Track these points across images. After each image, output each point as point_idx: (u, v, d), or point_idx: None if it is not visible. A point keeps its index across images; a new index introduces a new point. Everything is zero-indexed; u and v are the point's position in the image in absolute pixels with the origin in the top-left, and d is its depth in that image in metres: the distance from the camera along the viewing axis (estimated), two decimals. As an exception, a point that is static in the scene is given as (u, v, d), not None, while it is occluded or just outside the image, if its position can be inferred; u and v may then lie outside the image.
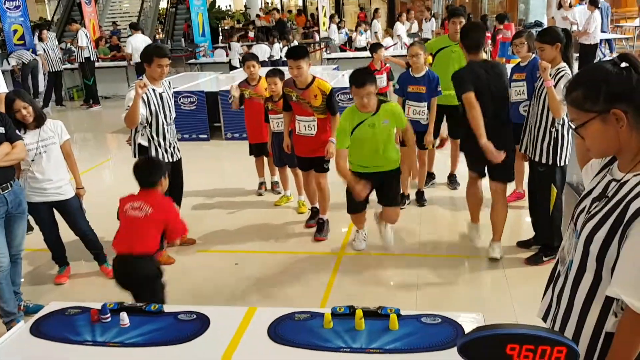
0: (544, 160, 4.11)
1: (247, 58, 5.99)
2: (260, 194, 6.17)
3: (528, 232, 4.65)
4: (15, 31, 13.56)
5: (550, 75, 3.90)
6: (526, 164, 4.63)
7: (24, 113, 3.89)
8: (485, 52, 6.48)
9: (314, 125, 4.63)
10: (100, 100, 12.66)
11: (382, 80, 7.00)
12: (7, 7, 13.33)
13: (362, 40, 15.06)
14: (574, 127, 1.68)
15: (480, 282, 4.22)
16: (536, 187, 4.33)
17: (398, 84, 5.61)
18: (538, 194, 4.30)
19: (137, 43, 11.61)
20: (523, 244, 4.58)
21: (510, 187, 5.48)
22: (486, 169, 4.34)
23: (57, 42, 12.92)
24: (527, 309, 3.39)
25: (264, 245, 5.02)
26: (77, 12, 17.63)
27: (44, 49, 12.04)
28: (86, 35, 12.18)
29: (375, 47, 7.47)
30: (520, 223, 5.14)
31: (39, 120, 3.99)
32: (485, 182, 4.46)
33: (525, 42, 4.84)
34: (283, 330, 2.26)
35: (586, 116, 1.62)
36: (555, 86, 3.86)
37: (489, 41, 12.18)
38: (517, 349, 1.50)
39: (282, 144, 5.18)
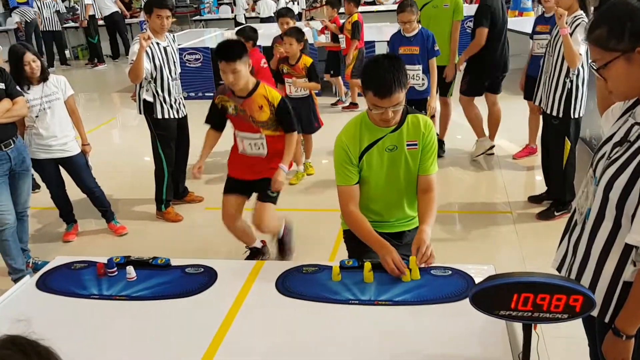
0: (557, 113, 4.01)
1: (282, 13, 5.49)
2: None
3: (540, 187, 4.59)
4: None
5: (566, 23, 3.75)
6: (540, 119, 4.61)
7: (33, 66, 3.82)
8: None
9: (262, 144, 3.37)
10: (105, 59, 12.51)
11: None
12: (9, -37, 13.09)
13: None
14: (595, 67, 1.58)
15: (490, 236, 4.17)
16: (549, 141, 4.23)
17: (388, 46, 5.26)
18: (551, 148, 4.21)
19: None
20: (534, 199, 4.52)
21: (523, 141, 5.40)
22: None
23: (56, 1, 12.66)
24: (539, 264, 3.36)
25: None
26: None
27: (39, 7, 11.77)
28: None
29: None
30: (532, 178, 5.07)
31: (44, 75, 3.93)
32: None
33: None
34: (291, 283, 2.23)
35: (610, 55, 1.53)
36: (571, 35, 3.73)
37: None
38: (532, 298, 1.46)
39: (301, 111, 4.83)
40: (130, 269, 2.32)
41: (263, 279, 2.29)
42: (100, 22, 12.27)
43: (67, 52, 13.02)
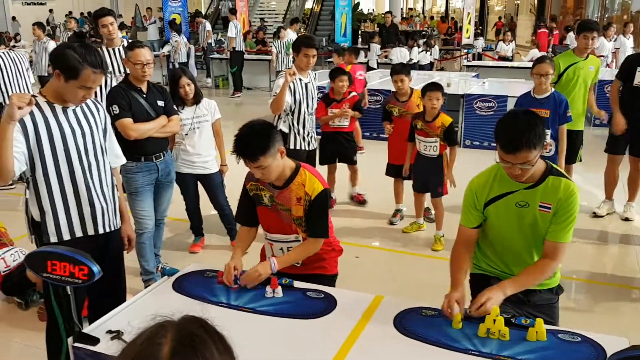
0: None
1: (397, 70, 5.09)
2: (392, 223, 5.33)
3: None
4: (174, 20, 14.74)
5: None
6: None
7: (187, 89, 4.21)
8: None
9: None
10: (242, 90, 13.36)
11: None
12: (168, -2, 14.53)
13: (507, 49, 14.50)
14: None
15: (620, 312, 3.89)
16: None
17: (515, 107, 4.78)
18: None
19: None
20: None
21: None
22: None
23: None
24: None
25: (385, 243, 5.01)
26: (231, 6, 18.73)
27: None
28: (235, 27, 12.88)
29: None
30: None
31: (197, 98, 4.29)
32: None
33: None
34: (409, 323, 2.24)
35: None
36: None
37: None
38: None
39: (427, 169, 4.70)
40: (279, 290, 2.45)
41: (381, 314, 2.31)
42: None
43: (209, 80, 14.08)
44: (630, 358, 1.40)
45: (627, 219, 5.28)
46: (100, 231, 2.72)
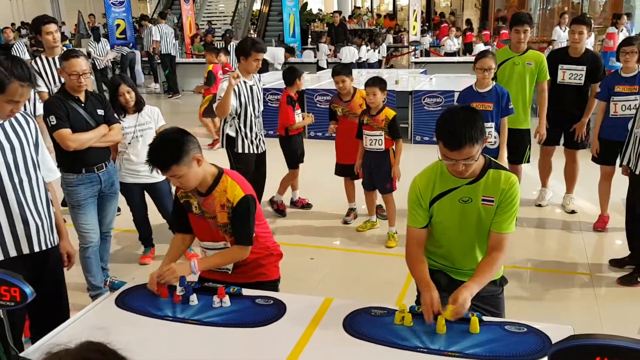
0: (647, 174, 3.84)
1: (337, 71, 5.06)
2: (346, 222, 5.34)
3: (622, 251, 4.36)
4: (118, 25, 14.41)
5: None
6: (614, 186, 4.78)
7: (127, 97, 4.09)
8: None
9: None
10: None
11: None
12: (112, 3, 14.20)
13: (452, 45, 14.77)
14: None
15: (566, 298, 3.99)
16: (636, 203, 4.04)
17: (458, 101, 4.94)
18: (638, 211, 4.01)
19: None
20: (616, 263, 4.29)
21: (596, 212, 5.15)
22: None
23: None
24: (619, 330, 3.17)
25: (340, 242, 5.02)
26: (177, 9, 18.44)
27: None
28: (160, 30, 13.14)
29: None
30: (614, 240, 4.83)
31: (139, 105, 4.18)
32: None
33: (637, 51, 4.50)
34: (359, 324, 2.22)
35: None
36: None
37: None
38: (616, 363, 1.38)
39: (374, 165, 4.75)
40: (193, 297, 2.40)
41: (331, 317, 2.29)
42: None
43: (157, 86, 13.87)
44: (569, 349, 1.40)
45: (573, 212, 5.39)
46: (36, 249, 2.60)
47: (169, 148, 2.40)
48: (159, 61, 13.57)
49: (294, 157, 5.52)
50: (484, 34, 15.92)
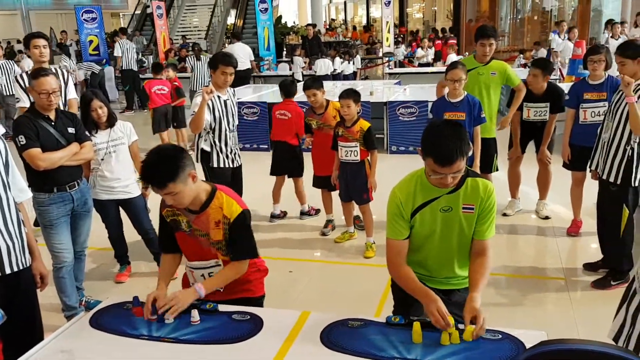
0: (616, 180, 3.92)
1: (307, 85, 5.10)
2: (324, 234, 5.35)
3: (596, 255, 4.43)
4: (90, 42, 14.31)
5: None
6: (586, 191, 4.85)
7: (100, 112, 4.05)
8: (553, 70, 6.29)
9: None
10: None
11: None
12: (84, 19, 14.10)
13: (427, 56, 14.97)
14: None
15: (542, 302, 4.03)
16: (605, 208, 4.12)
17: (432, 112, 5.05)
18: (608, 215, 4.09)
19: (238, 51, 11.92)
20: (590, 267, 4.37)
21: (569, 217, 5.24)
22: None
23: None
24: (593, 333, 3.21)
25: (318, 255, 5.01)
26: (150, 26, 18.36)
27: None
28: (122, 46, 13.08)
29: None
30: (587, 244, 4.91)
31: (111, 121, 4.15)
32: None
33: (605, 59, 4.61)
34: (336, 336, 2.22)
35: None
36: (637, 102, 3.69)
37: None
38: (587, 367, 1.40)
39: (350, 176, 4.76)
40: (194, 313, 2.37)
41: (308, 331, 2.29)
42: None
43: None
44: (540, 355, 1.43)
45: (546, 217, 5.49)
46: (8, 271, 2.56)
47: (166, 165, 2.34)
48: (119, 76, 13.58)
49: (302, 165, 5.67)
50: (450, 42, 16.17)
